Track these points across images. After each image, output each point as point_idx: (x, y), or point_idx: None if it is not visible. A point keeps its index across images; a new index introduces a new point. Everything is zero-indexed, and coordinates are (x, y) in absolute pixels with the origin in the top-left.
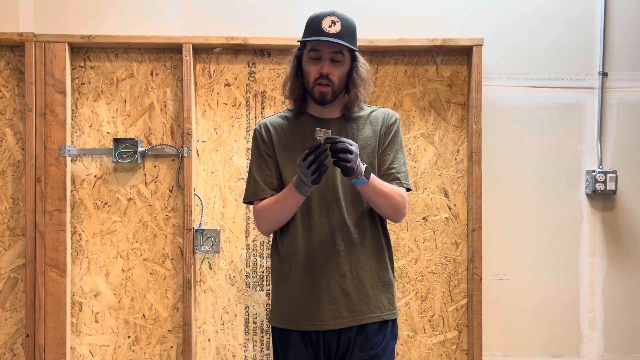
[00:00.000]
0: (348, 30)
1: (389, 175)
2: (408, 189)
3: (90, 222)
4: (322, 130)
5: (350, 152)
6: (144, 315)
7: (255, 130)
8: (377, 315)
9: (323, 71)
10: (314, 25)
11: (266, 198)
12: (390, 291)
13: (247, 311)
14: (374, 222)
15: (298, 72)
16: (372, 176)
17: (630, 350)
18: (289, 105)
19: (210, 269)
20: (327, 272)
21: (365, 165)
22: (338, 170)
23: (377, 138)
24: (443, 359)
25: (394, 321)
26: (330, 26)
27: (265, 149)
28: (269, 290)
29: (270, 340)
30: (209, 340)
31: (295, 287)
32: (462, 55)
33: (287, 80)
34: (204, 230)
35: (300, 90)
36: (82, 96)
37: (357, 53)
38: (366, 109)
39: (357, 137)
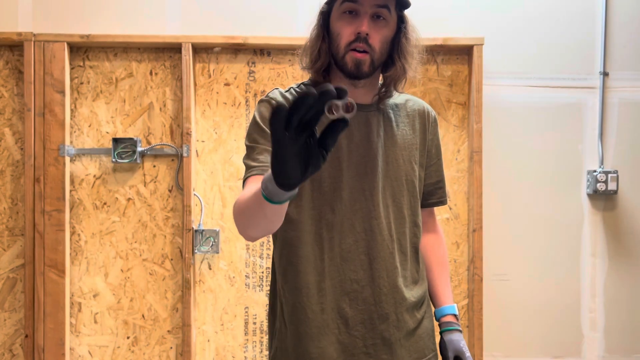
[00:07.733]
0: None
1: (435, 192)
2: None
3: (89, 222)
4: (342, 104)
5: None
6: (143, 316)
7: (267, 101)
8: None
9: (361, 30)
10: None
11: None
12: None
13: (246, 312)
14: None
15: (324, 33)
16: None
17: (631, 351)
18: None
19: (210, 269)
20: None
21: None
22: None
23: (419, 140)
24: None
25: None
26: None
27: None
28: (268, 291)
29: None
30: (208, 340)
31: None
32: (462, 55)
33: (307, 45)
34: (203, 230)
35: (326, 59)
36: (81, 96)
37: (405, 13)
38: (399, 95)
39: (395, 134)
